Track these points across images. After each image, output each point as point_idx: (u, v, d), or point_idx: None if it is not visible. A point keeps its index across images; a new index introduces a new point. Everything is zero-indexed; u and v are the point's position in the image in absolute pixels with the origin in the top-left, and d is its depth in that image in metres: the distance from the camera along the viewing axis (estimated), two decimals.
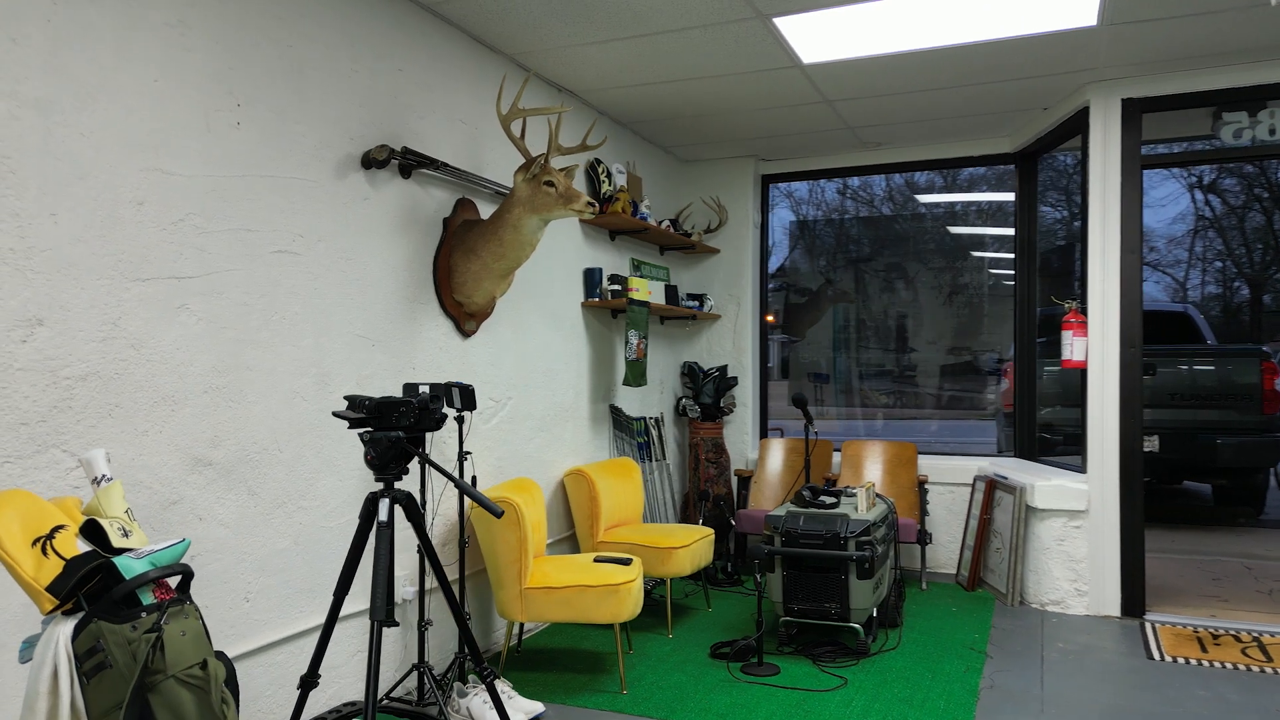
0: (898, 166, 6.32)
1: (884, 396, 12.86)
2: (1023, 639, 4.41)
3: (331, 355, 3.28)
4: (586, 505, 4.63)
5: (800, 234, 8.31)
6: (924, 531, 5.42)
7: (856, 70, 4.59)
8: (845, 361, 9.76)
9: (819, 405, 11.30)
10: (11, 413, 2.26)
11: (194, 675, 1.77)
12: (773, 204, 6.73)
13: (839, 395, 10.74)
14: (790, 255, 8.08)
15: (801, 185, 6.52)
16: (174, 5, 2.69)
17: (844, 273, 7.29)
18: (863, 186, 6.45)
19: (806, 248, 7.42)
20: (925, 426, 12.24)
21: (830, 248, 7.14)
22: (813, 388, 11.64)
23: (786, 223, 7.28)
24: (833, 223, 7.29)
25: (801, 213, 7.55)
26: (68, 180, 2.39)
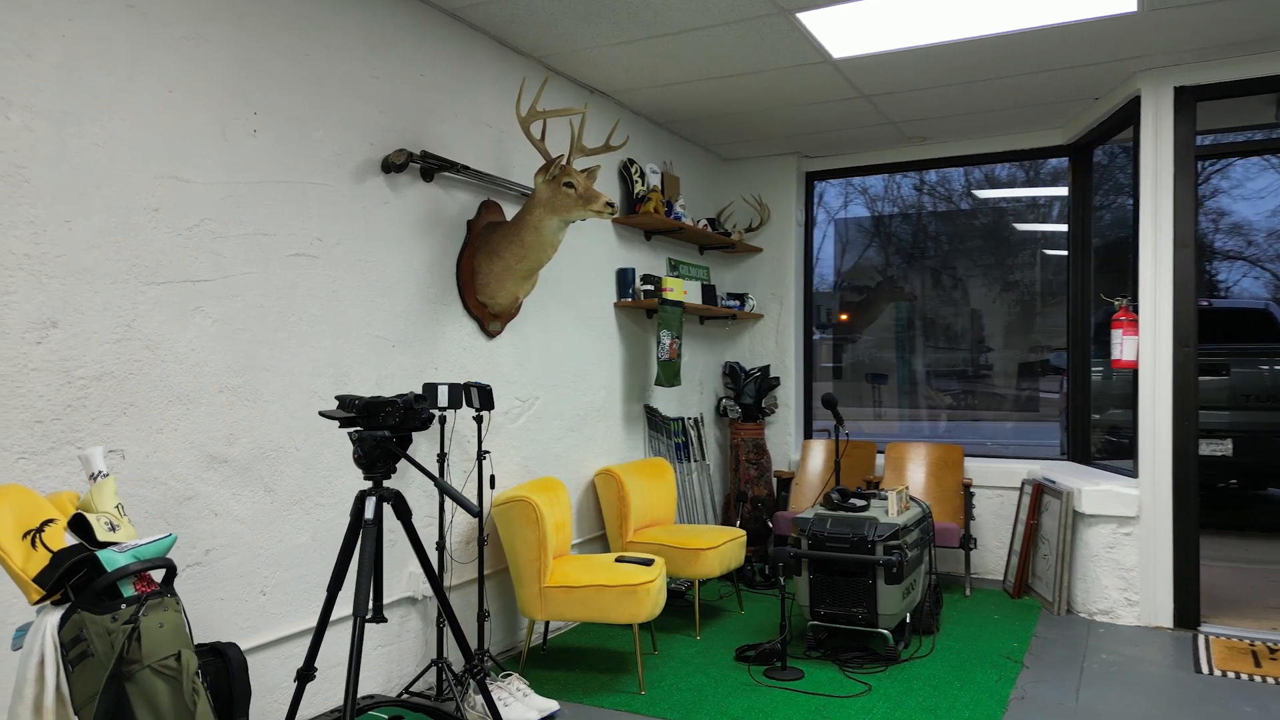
0: (946, 161, 6.17)
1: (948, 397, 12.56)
2: (1064, 649, 4.26)
3: (350, 356, 3.35)
4: (616, 505, 4.64)
5: (876, 230, 8.09)
6: (968, 536, 5.28)
7: (891, 64, 4.49)
8: (906, 361, 9.56)
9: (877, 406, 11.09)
10: (26, 411, 2.37)
11: (168, 666, 1.83)
12: (850, 200, 6.59)
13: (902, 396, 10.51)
14: (865, 253, 7.90)
15: (877, 181, 6.37)
16: (190, 19, 2.79)
17: (908, 270, 7.12)
18: (941, 181, 6.26)
19: (882, 244, 7.23)
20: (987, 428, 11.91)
21: (907, 245, 6.95)
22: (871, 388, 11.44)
23: (860, 219, 7.11)
24: (908, 218, 7.09)
25: (877, 209, 7.35)
26: (82, 188, 2.50)
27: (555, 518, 4.00)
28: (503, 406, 4.14)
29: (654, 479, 4.90)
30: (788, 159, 6.32)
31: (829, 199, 6.79)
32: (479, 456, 3.67)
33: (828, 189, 7.09)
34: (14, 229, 2.34)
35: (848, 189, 7.00)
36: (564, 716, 3.47)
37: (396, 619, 3.58)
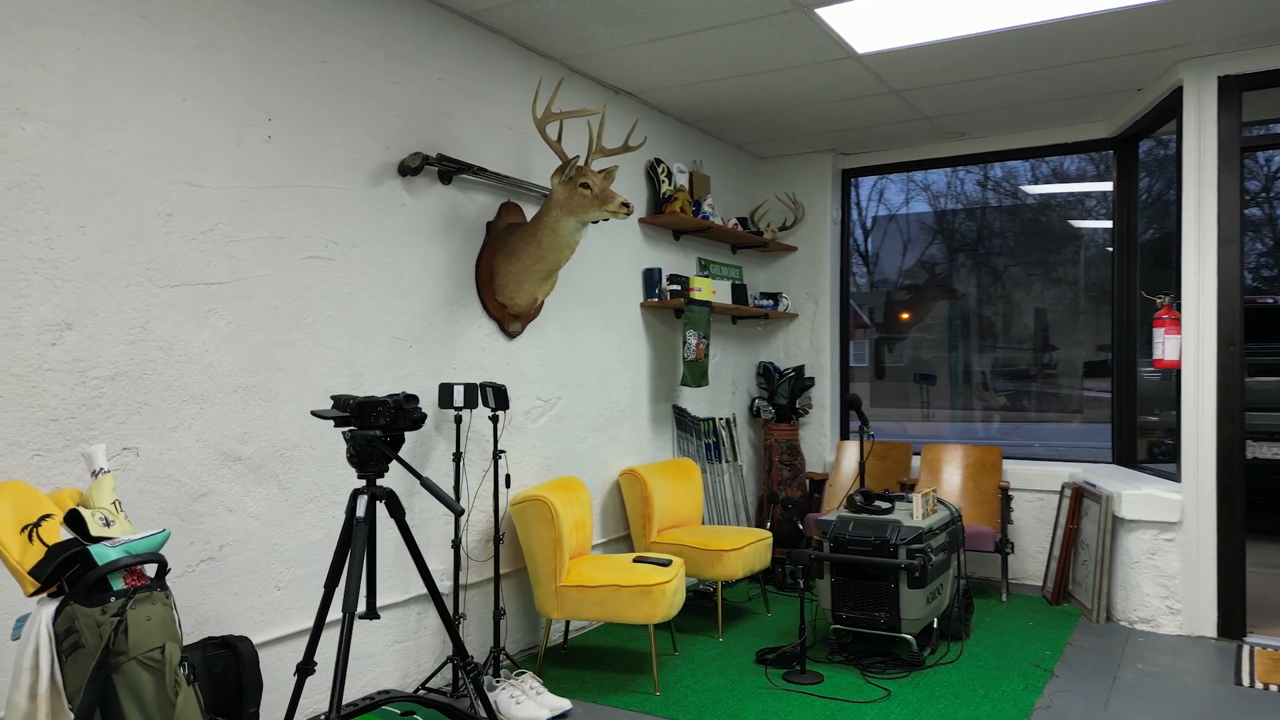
0: (986, 156, 6.03)
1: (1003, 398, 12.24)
2: (1099, 658, 4.13)
3: (366, 356, 3.41)
4: (639, 505, 4.63)
5: (939, 227, 7.85)
6: (1004, 540, 5.15)
7: (919, 58, 4.41)
8: (960, 361, 9.34)
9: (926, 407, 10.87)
10: (41, 410, 2.46)
11: (153, 658, 1.88)
12: (910, 196, 6.43)
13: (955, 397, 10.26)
14: (927, 249, 7.69)
15: (939, 176, 6.19)
16: (203, 29, 2.87)
17: (963, 267, 6.93)
18: (1007, 176, 6.07)
19: (946, 240, 7.02)
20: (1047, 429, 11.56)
21: (970, 241, 6.73)
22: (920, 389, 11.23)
23: (923, 216, 6.92)
24: (971, 214, 6.87)
25: (941, 205, 7.14)
26: (96, 195, 2.58)
27: (574, 517, 4.01)
28: (523, 406, 4.17)
29: (680, 479, 4.89)
30: (823, 156, 6.24)
31: (890, 195, 6.64)
32: (495, 456, 3.70)
33: (888, 185, 6.91)
34: (29, 234, 2.43)
35: (909, 185, 6.82)
36: (576, 715, 3.48)
37: (414, 616, 3.63)
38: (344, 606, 2.19)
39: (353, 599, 2.20)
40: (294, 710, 2.57)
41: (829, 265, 6.26)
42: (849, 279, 6.51)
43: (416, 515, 3.62)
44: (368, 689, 3.44)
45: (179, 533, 2.79)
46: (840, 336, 6.45)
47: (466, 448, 3.85)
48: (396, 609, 3.55)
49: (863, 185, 6.72)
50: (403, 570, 3.56)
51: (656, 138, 5.22)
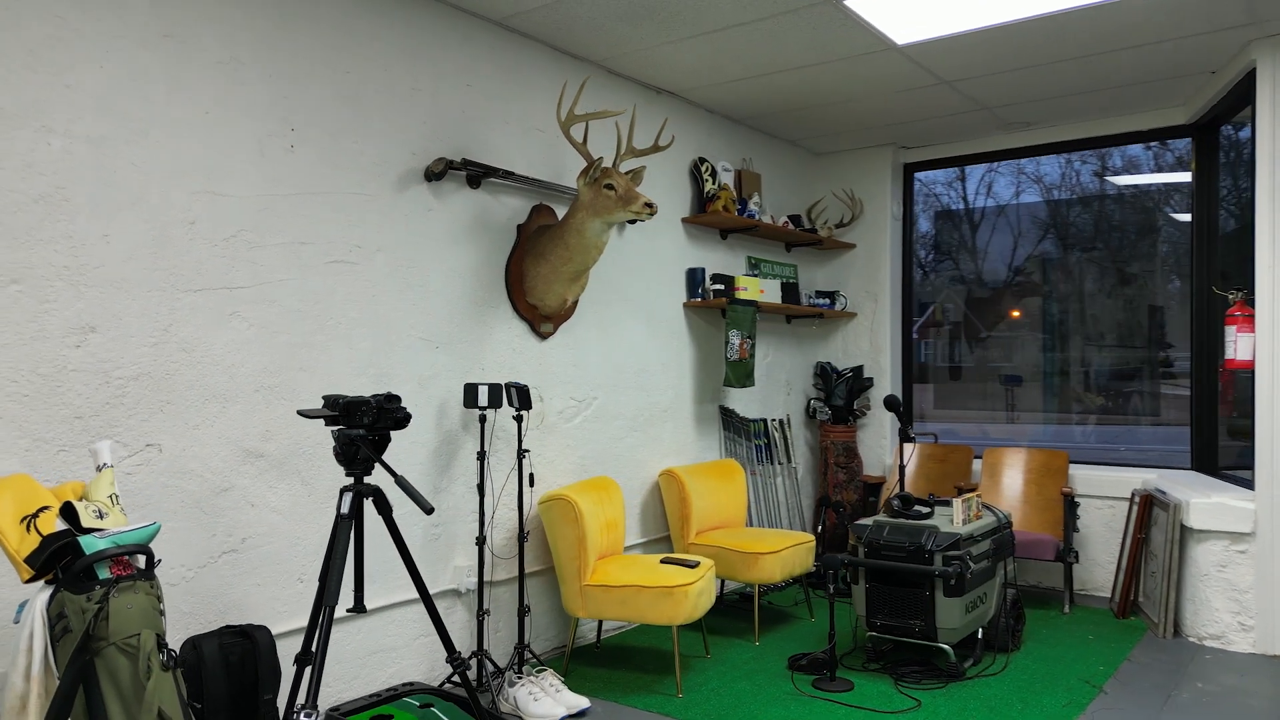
0: (1057, 147, 5.78)
1: (1099, 398, 11.66)
2: (1157, 675, 3.90)
3: (391, 357, 3.50)
4: (677, 506, 4.62)
5: (1053, 221, 7.44)
6: (1068, 549, 4.92)
7: (964, 47, 4.25)
8: (1054, 361, 8.91)
9: (1009, 410, 10.46)
10: (66, 408, 2.62)
11: (130, 644, 1.98)
12: (1020, 189, 6.15)
13: (1050, 399, 9.82)
14: (1041, 244, 7.34)
15: (1053, 166, 5.91)
16: (226, 44, 3.00)
17: (1061, 262, 6.59)
18: (1128, 165, 5.76)
19: (1060, 234, 6.69)
20: (1145, 433, 10.95)
21: (1084, 235, 6.39)
22: (1004, 391, 10.81)
23: (1036, 208, 6.60)
24: (1087, 205, 6.50)
25: (1053, 197, 6.80)
26: (119, 205, 2.74)
27: (605, 517, 4.03)
28: (557, 406, 4.21)
29: (721, 480, 4.85)
30: (882, 151, 6.09)
31: (999, 189, 6.37)
32: (519, 455, 3.75)
33: (996, 178, 6.63)
34: (54, 243, 2.60)
35: (1020, 177, 6.52)
36: (595, 714, 3.49)
37: (441, 610, 3.70)
38: (324, 601, 2.26)
39: (333, 594, 2.27)
40: (294, 698, 2.66)
41: (889, 262, 6.10)
42: (912, 276, 6.32)
43: (442, 514, 3.70)
44: (393, 680, 3.53)
45: (201, 525, 2.93)
46: (903, 336, 6.28)
47: (493, 446, 3.91)
48: (421, 604, 3.62)
49: (971, 177, 6.40)
50: (428, 565, 3.65)
51: (703, 136, 5.19)
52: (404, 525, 3.56)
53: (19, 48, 2.53)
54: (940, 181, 6.56)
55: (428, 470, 3.64)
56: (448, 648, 2.55)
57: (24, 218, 2.54)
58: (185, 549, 2.89)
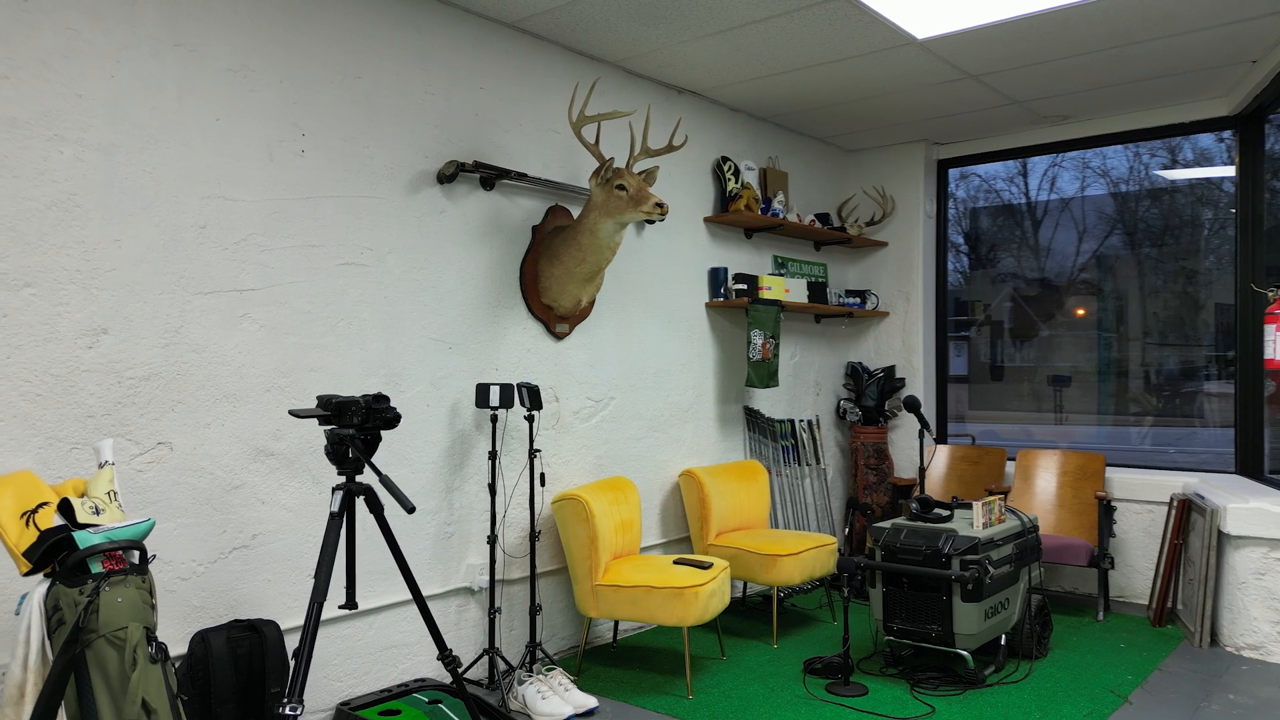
0: (1095, 140, 5.62)
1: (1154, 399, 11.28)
2: (1188, 686, 3.77)
3: (402, 357, 3.55)
4: (697, 507, 4.60)
5: (1120, 215, 7.15)
6: (1102, 554, 4.79)
7: (988, 40, 4.16)
8: (1109, 361, 8.62)
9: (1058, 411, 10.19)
10: (78, 407, 2.71)
11: (119, 636, 2.05)
12: (1085, 183, 5.94)
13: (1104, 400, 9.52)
14: (1100, 240, 7.08)
15: (1119, 160, 5.69)
16: (236, 51, 3.07)
17: (1106, 261, 6.36)
18: (1200, 157, 5.53)
19: (1128, 230, 6.44)
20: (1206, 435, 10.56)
21: (1153, 231, 6.13)
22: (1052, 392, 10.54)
23: (1098, 200, 6.34)
24: (1156, 198, 6.23)
25: (1122, 190, 6.53)
26: (130, 211, 2.82)
27: (620, 517, 4.03)
28: (573, 406, 4.23)
29: (743, 481, 4.82)
30: (914, 147, 5.99)
31: (1063, 183, 6.16)
32: (530, 455, 3.78)
33: (1060, 172, 6.41)
34: (66, 248, 2.69)
35: (1085, 171, 6.30)
36: (604, 713, 3.50)
37: (454, 608, 3.75)
38: (313, 598, 2.30)
39: (321, 590, 2.31)
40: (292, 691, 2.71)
41: (922, 260, 5.99)
42: (946, 275, 6.21)
43: (455, 511, 3.74)
44: (405, 676, 3.58)
45: (212, 522, 3.01)
46: (937, 335, 6.16)
47: (507, 446, 3.94)
48: (434, 601, 3.68)
49: (1033, 171, 6.20)
50: (441, 564, 3.69)
51: (726, 135, 5.16)
52: (417, 523, 3.60)
53: (31, 59, 2.62)
54: (1001, 176, 6.39)
55: (441, 469, 3.69)
56: (438, 644, 2.58)
57: (37, 223, 2.63)
58: (196, 544, 2.97)
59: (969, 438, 6.39)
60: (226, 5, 3.05)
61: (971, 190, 6.46)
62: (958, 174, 6.25)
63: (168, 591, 2.90)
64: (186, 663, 2.87)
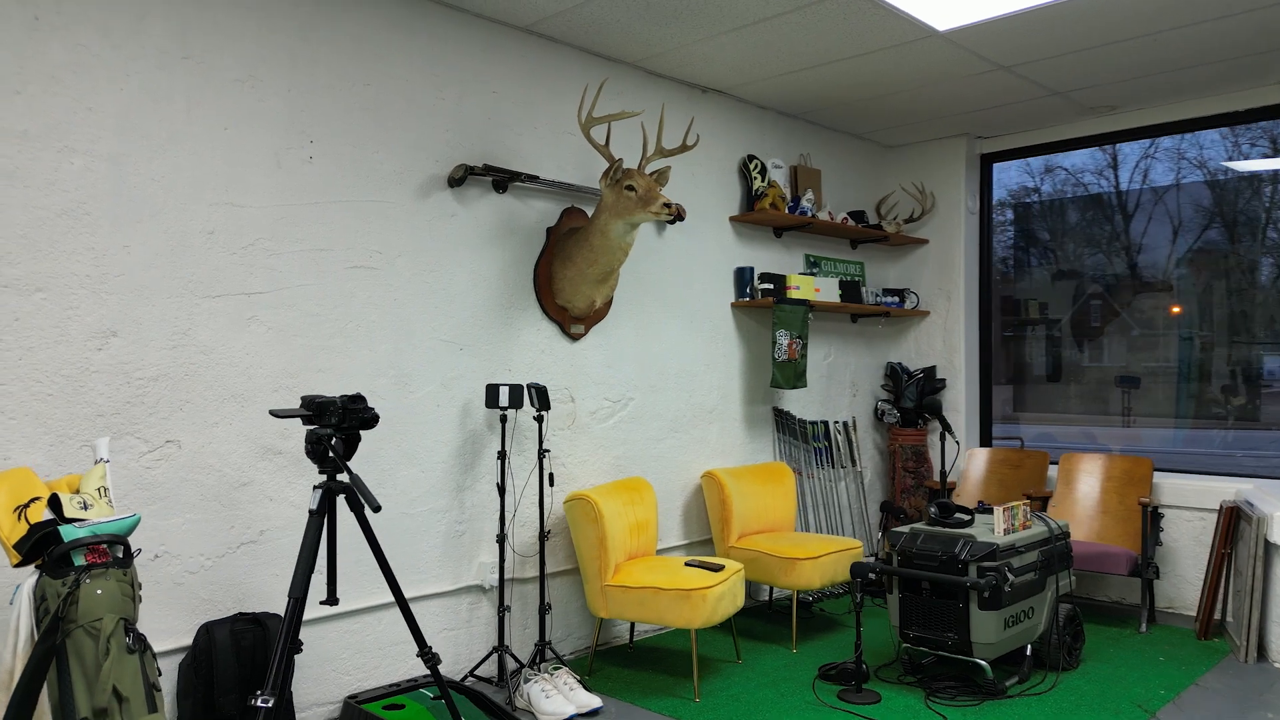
0: (1146, 131, 5.40)
1: (1236, 401, 10.73)
2: (1224, 703, 3.59)
3: (412, 359, 3.61)
4: (718, 509, 4.56)
5: (1218, 208, 6.74)
6: (1147, 563, 4.59)
7: (1015, 29, 4.03)
8: (1188, 360, 8.18)
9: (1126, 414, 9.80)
10: (88, 406, 2.83)
11: (95, 627, 2.13)
12: (1181, 175, 5.63)
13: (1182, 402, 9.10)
14: (1204, 234, 6.72)
15: (1217, 150, 5.36)
16: (244, 62, 3.17)
17: (1185, 255, 6.01)
18: None
19: (1228, 225, 6.09)
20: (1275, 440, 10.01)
21: (1246, 222, 5.77)
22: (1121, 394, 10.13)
23: (1195, 193, 5.99)
24: (1252, 188, 5.82)
25: (1219, 179, 6.13)
26: (139, 218, 2.94)
27: (634, 518, 4.03)
28: (589, 407, 4.24)
29: (768, 483, 4.76)
30: (955, 141, 5.83)
31: (1155, 176, 5.86)
32: (539, 455, 3.80)
33: (1153, 165, 6.09)
34: (76, 254, 2.81)
35: (1181, 163, 5.97)
36: (608, 713, 3.50)
37: (465, 606, 3.80)
38: (290, 592, 2.36)
39: (298, 585, 2.37)
40: (287, 682, 2.78)
41: (963, 258, 5.83)
42: (991, 272, 6.03)
43: (466, 510, 3.79)
44: (414, 672, 3.64)
45: (220, 518, 3.11)
46: (981, 335, 5.99)
47: (520, 446, 3.97)
48: (446, 598, 3.73)
49: (1125, 162, 5.88)
50: (452, 561, 3.74)
51: (754, 134, 5.11)
52: (427, 521, 3.66)
53: (41, 74, 2.75)
54: (1089, 170, 6.13)
55: (451, 469, 3.74)
56: (419, 642, 2.62)
57: (48, 231, 2.76)
58: (204, 539, 3.08)
59: (1017, 440, 6.19)
60: (235, 18, 3.15)
61: (1058, 184, 6.20)
62: (1041, 165, 6.04)
63: (176, 584, 3.01)
64: (191, 654, 2.97)
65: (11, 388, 2.69)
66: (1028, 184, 6.23)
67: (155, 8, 2.96)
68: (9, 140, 2.69)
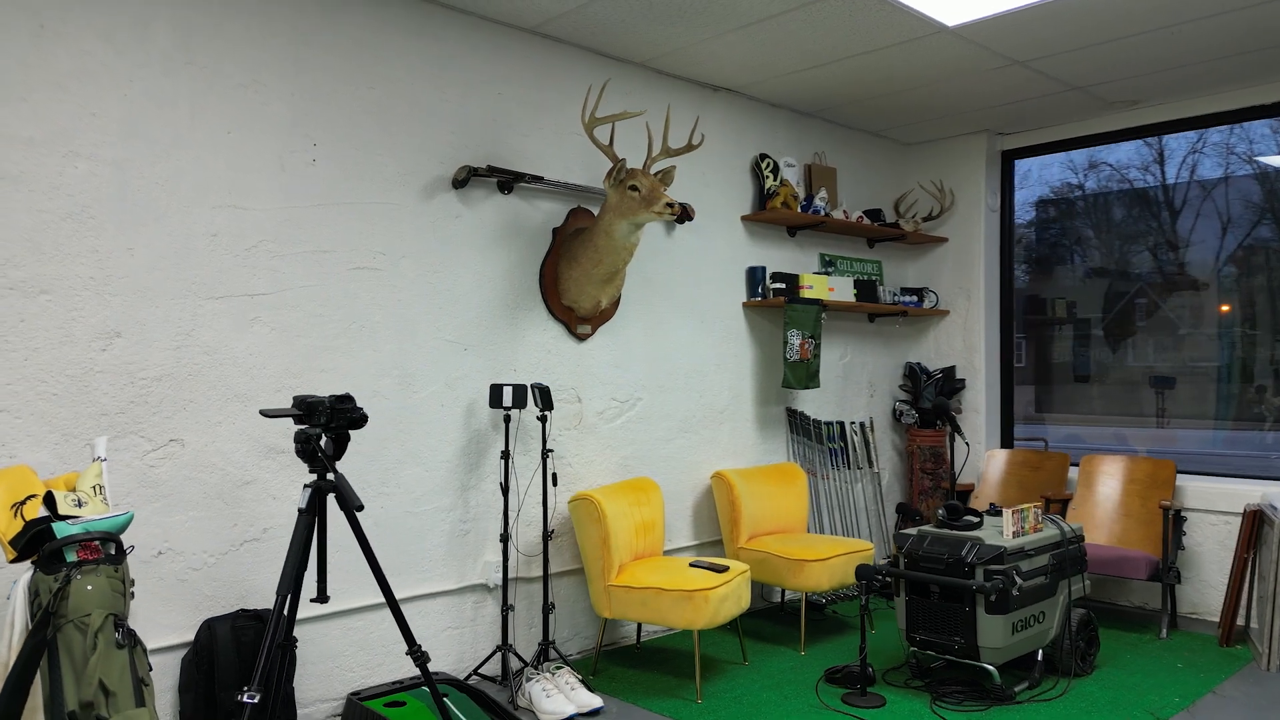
0: (1173, 125, 5.28)
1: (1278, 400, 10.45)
2: (1239, 712, 3.50)
3: (416, 359, 3.64)
4: (728, 510, 4.54)
5: (1269, 203, 6.47)
6: (1167, 568, 4.49)
7: (1024, 24, 3.96)
8: (1232, 360, 7.93)
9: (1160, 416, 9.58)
10: (93, 406, 2.90)
11: (84, 621, 2.18)
12: (1229, 173, 5.39)
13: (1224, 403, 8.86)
14: (1255, 229, 6.50)
15: (1268, 144, 5.13)
16: (248, 67, 3.22)
17: (1230, 250, 5.81)
18: None
19: (1277, 219, 5.84)
20: None
21: None
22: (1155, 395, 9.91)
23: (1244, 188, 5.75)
24: None
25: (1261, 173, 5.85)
26: (143, 221, 3.00)
27: (639, 518, 4.03)
28: (596, 407, 4.25)
29: (778, 484, 4.73)
30: (975, 138, 5.75)
31: (1204, 170, 5.66)
32: (543, 455, 3.81)
33: (1201, 160, 5.88)
34: (80, 257, 2.88)
35: (1229, 158, 5.77)
36: (609, 713, 3.50)
37: (470, 604, 3.82)
38: (278, 590, 2.39)
39: (286, 583, 2.40)
40: (280, 679, 2.82)
41: (983, 256, 5.75)
42: (1012, 271, 5.93)
43: (471, 509, 3.81)
44: (416, 670, 3.67)
45: (223, 515, 3.16)
46: (1002, 334, 5.90)
47: (527, 446, 3.99)
48: (450, 596, 3.76)
49: (1173, 156, 5.68)
50: (457, 560, 3.77)
51: (767, 132, 5.08)
52: (431, 520, 3.69)
53: (47, 81, 2.81)
54: (1135, 165, 5.99)
55: (455, 468, 3.76)
56: (408, 640, 2.64)
57: (52, 234, 2.83)
58: (208, 537, 3.13)
59: (1041, 441, 6.09)
60: (238, 23, 3.20)
61: (1102, 180, 6.03)
62: (1085, 160, 5.93)
63: (179, 581, 3.07)
64: (193, 649, 3.02)
65: (17, 387, 2.76)
66: (1070, 180, 6.11)
67: (160, 14, 3.02)
68: (15, 146, 2.76)
